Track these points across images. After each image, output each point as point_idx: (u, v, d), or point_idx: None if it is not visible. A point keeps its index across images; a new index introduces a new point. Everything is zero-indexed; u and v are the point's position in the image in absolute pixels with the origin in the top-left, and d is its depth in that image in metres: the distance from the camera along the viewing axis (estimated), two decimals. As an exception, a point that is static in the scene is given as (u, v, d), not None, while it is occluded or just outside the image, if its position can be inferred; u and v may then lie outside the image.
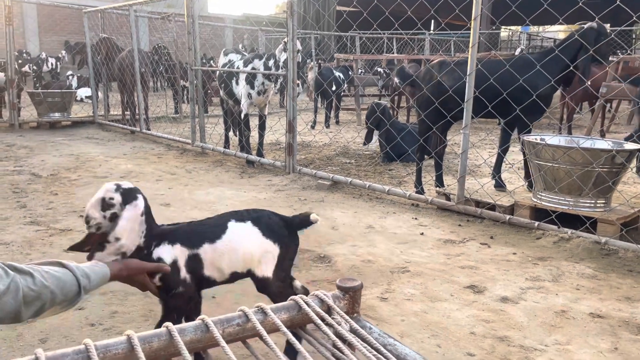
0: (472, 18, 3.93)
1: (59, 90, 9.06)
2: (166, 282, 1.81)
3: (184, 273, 1.85)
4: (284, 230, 1.99)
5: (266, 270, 1.94)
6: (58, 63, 15.79)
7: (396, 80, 9.10)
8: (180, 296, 1.86)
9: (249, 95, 5.86)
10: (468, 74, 4.03)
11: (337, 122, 9.90)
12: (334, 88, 9.21)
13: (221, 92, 6.52)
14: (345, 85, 9.99)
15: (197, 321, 0.96)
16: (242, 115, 6.03)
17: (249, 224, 1.95)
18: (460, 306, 2.66)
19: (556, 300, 2.73)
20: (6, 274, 1.24)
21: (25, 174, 5.30)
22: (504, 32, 23.45)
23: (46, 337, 2.24)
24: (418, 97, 4.68)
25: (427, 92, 4.49)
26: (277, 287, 1.95)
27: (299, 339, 1.08)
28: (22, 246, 3.30)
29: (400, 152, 6.06)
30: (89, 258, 1.71)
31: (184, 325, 0.94)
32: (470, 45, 4.00)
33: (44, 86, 9.48)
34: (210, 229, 1.92)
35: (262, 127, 6.08)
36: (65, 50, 16.08)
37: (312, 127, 9.10)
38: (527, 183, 4.43)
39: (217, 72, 6.51)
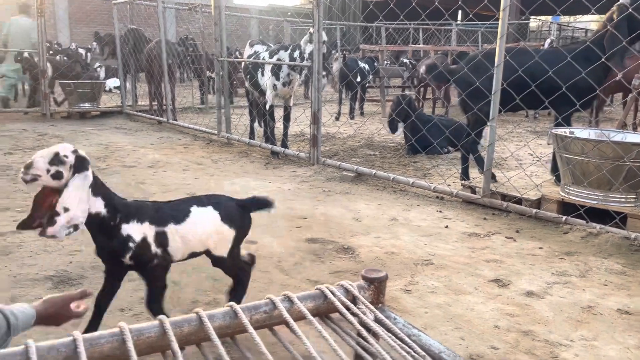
0: (501, 8, 3.87)
1: (89, 81, 9.23)
2: (139, 259, 1.89)
3: (154, 248, 1.95)
4: (240, 214, 2.15)
5: (222, 251, 2.11)
6: (88, 54, 16.05)
7: (421, 71, 9.02)
8: (157, 267, 1.96)
9: (274, 87, 5.89)
10: (496, 65, 3.98)
11: (362, 114, 9.87)
12: (358, 79, 9.17)
13: (247, 83, 6.56)
14: (371, 76, 9.94)
15: (226, 308, 0.99)
16: (267, 107, 6.07)
17: (209, 208, 2.08)
18: (485, 299, 2.65)
19: (583, 296, 2.70)
20: None
21: (57, 162, 5.43)
22: (534, 23, 22.95)
23: (78, 321, 2.30)
24: (466, 89, 4.52)
25: (479, 85, 4.35)
26: (230, 263, 2.17)
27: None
28: (54, 233, 3.40)
29: (426, 144, 6.02)
30: (42, 234, 1.66)
31: (213, 311, 0.97)
32: (499, 36, 3.95)
33: (66, 68, 9.63)
34: (176, 212, 2.02)
35: (286, 119, 6.11)
36: (95, 41, 16.34)
37: (337, 118, 9.09)
38: (554, 177, 4.36)
39: (243, 63, 6.55)
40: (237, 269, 2.23)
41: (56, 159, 1.70)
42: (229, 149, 6.51)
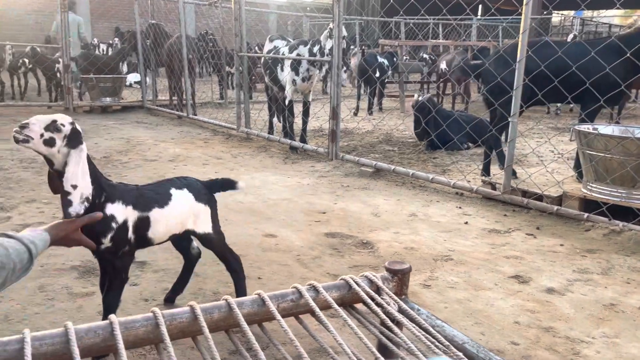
0: (524, 3, 3.83)
1: (111, 76, 9.36)
2: (116, 242, 1.93)
3: (130, 233, 1.98)
4: (208, 194, 2.25)
5: (205, 227, 2.21)
6: (109, 49, 16.25)
7: (442, 67, 8.96)
8: (126, 254, 2.00)
9: (293, 82, 5.91)
10: (518, 60, 3.94)
11: (381, 109, 9.84)
12: (377, 75, 9.15)
13: (266, 79, 6.59)
14: (390, 71, 9.90)
15: (254, 295, 1.01)
16: (287, 102, 6.09)
17: (185, 190, 2.16)
18: (505, 295, 2.65)
19: (605, 293, 2.67)
20: None
21: (80, 156, 5.53)
22: (556, 18, 22.60)
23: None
24: (492, 82, 4.44)
25: (504, 79, 4.28)
26: (217, 240, 2.26)
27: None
28: (79, 224, 3.47)
29: (446, 140, 5.99)
30: (66, 216, 1.72)
31: (242, 299, 0.99)
32: (521, 31, 3.91)
33: (81, 56, 9.79)
34: (159, 195, 2.07)
35: (305, 114, 6.13)
36: (117, 36, 16.54)
37: (355, 114, 9.09)
38: (576, 173, 4.32)
39: (263, 58, 6.58)
40: (227, 250, 2.32)
41: (52, 126, 1.71)
42: (248, 143, 6.56)
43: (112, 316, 0.85)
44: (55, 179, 1.80)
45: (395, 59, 9.67)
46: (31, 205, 3.82)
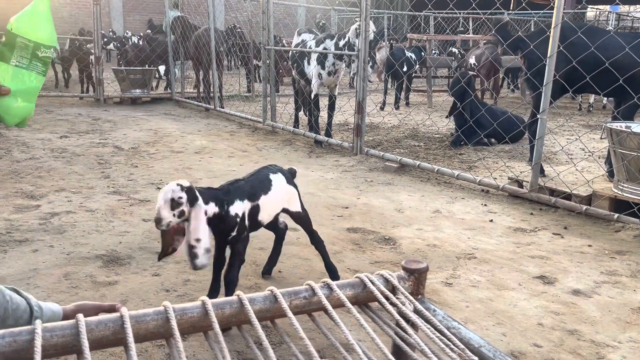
0: (556, -3, 3.73)
1: (141, 68, 9.49)
2: (239, 231, 2.22)
3: (247, 221, 2.28)
4: (292, 177, 2.58)
5: (297, 206, 2.56)
6: (140, 41, 16.47)
7: (471, 62, 8.82)
8: (245, 239, 2.31)
9: (320, 76, 5.89)
10: (549, 55, 3.84)
11: (407, 104, 9.75)
12: (405, 69, 9.05)
13: (293, 72, 6.59)
14: (417, 66, 9.78)
15: (266, 292, 1.00)
16: (313, 95, 6.08)
17: (279, 174, 2.46)
18: (529, 296, 2.59)
19: (633, 297, 2.59)
20: None
21: (109, 146, 5.63)
22: (591, 12, 21.98)
23: (126, 299, 2.40)
24: (536, 64, 4.23)
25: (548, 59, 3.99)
26: (306, 215, 2.62)
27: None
28: (105, 214, 3.53)
29: (476, 132, 5.87)
30: (194, 268, 1.98)
31: (254, 295, 0.99)
32: (553, 25, 3.81)
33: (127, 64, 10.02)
34: (262, 184, 2.36)
35: (331, 108, 6.11)
36: (149, 28, 16.76)
37: (382, 108, 9.02)
38: (607, 172, 4.19)
39: (290, 51, 6.58)
40: (312, 226, 2.65)
41: (174, 204, 1.96)
42: (274, 137, 6.58)
43: (123, 309, 0.85)
44: (169, 236, 2.06)
45: (422, 53, 9.55)
46: (60, 195, 3.91)
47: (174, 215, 1.96)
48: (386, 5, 16.96)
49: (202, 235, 2.00)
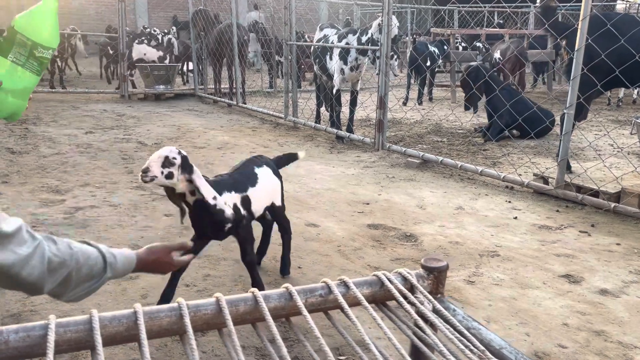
0: (585, -12, 3.63)
1: (164, 64, 9.58)
2: (235, 220, 2.20)
3: (242, 210, 2.26)
4: (277, 169, 2.58)
5: (279, 199, 2.55)
6: (164, 38, 16.61)
7: (496, 56, 8.66)
8: (246, 227, 2.29)
9: (342, 71, 5.85)
10: (577, 49, 3.74)
11: (431, 99, 9.64)
12: (428, 64, 8.94)
13: (315, 67, 6.56)
14: (440, 60, 9.65)
15: (281, 289, 0.99)
16: (334, 91, 6.05)
17: (264, 167, 2.46)
18: (553, 295, 2.53)
19: (664, 298, 2.51)
20: (32, 238, 1.17)
21: (133, 142, 5.70)
22: (620, 5, 21.38)
23: (146, 294, 2.42)
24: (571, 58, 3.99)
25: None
26: (284, 209, 2.61)
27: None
28: (128, 208, 3.57)
29: (509, 123, 5.77)
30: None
31: (269, 292, 0.97)
32: (581, 18, 3.71)
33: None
34: (248, 177, 2.36)
35: (353, 103, 6.07)
36: (174, 25, 16.93)
37: (404, 103, 8.93)
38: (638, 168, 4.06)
39: (312, 47, 6.55)
40: (286, 217, 2.67)
41: (167, 162, 1.95)
42: (295, 132, 6.57)
43: (137, 305, 0.85)
44: (177, 199, 2.09)
45: (446, 48, 9.42)
46: (84, 189, 3.96)
47: (162, 172, 1.95)
48: (409, 0, 16.78)
49: (214, 193, 2.08)
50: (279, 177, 2.56)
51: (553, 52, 9.03)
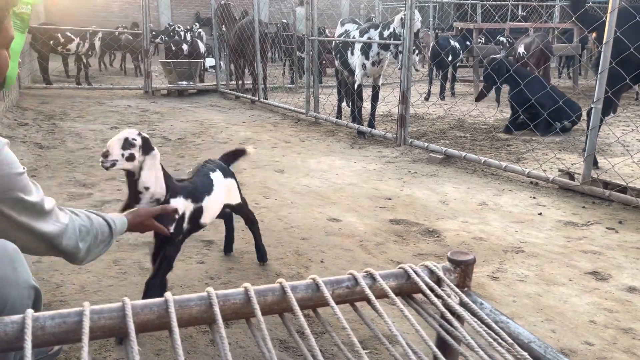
0: (614, -21, 3.55)
1: (187, 60, 9.67)
2: (175, 231, 2.04)
3: (186, 224, 2.13)
4: (228, 168, 2.53)
5: (237, 197, 2.54)
6: (187, 34, 16.75)
7: (520, 50, 8.53)
8: (179, 243, 2.15)
9: (363, 66, 5.83)
10: (604, 42, 3.67)
11: (453, 94, 9.55)
12: (450, 58, 8.86)
13: (336, 63, 6.55)
14: (462, 55, 9.55)
15: (308, 280, 0.99)
16: (356, 86, 6.03)
17: (218, 172, 2.37)
18: (580, 292, 2.49)
19: (695, 296, 2.45)
20: (64, 212, 1.37)
21: (157, 137, 5.77)
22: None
23: (172, 286, 2.45)
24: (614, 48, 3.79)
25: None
26: (244, 203, 2.63)
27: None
28: (152, 203, 3.62)
29: (536, 115, 5.69)
30: (130, 207, 1.89)
31: (296, 283, 0.98)
32: (609, 10, 3.63)
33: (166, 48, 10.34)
34: (205, 185, 2.25)
35: (374, 98, 6.04)
36: (197, 21, 17.08)
37: (426, 98, 8.87)
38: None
39: (333, 42, 6.54)
40: (251, 212, 2.69)
41: (127, 144, 1.88)
42: (317, 128, 6.57)
43: (167, 294, 0.86)
44: (133, 176, 1.96)
45: (468, 42, 9.31)
46: (111, 183, 4.03)
47: (122, 155, 1.85)
48: (432, -6, 16.62)
49: (152, 185, 1.92)
50: (232, 175, 2.50)
51: (579, 45, 8.85)
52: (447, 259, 1.14)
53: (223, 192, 2.37)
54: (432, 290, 1.04)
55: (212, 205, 2.26)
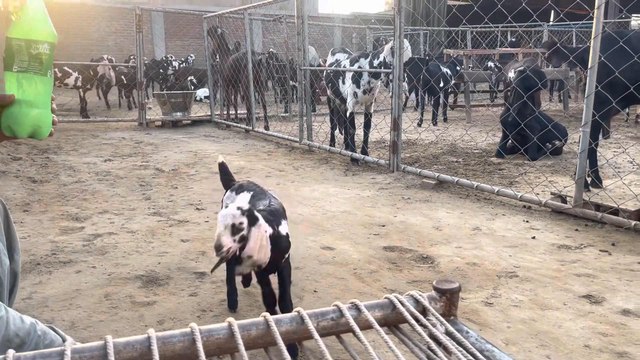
0: (596, 6, 3.64)
1: (181, 92, 9.76)
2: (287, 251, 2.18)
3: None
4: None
5: None
6: (181, 65, 16.96)
7: (510, 75, 8.66)
8: (288, 257, 2.23)
9: (355, 94, 5.90)
10: (589, 67, 3.74)
11: (445, 120, 9.64)
12: (441, 84, 8.98)
13: (328, 91, 6.63)
14: (453, 81, 9.69)
15: (293, 313, 0.99)
16: (348, 114, 6.09)
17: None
18: (574, 316, 2.48)
19: (689, 317, 2.45)
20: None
21: (151, 168, 5.78)
22: (635, 21, 21.27)
23: (163, 319, 2.43)
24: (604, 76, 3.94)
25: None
26: None
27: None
28: (145, 235, 3.61)
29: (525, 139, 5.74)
30: (237, 274, 2.01)
31: (281, 316, 0.98)
32: (593, 36, 3.71)
33: (168, 87, 10.49)
34: (277, 208, 2.22)
35: (367, 125, 6.10)
36: (192, 54, 17.32)
37: (419, 124, 8.95)
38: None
39: (325, 71, 6.63)
40: None
41: (235, 230, 1.86)
42: (310, 156, 6.61)
43: (150, 330, 0.86)
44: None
45: (458, 68, 9.46)
46: (103, 216, 4.02)
47: (234, 240, 1.85)
48: (421, 22, 16.94)
49: (255, 254, 1.94)
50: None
51: (567, 70, 9.00)
52: (433, 288, 1.14)
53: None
54: (417, 320, 1.04)
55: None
